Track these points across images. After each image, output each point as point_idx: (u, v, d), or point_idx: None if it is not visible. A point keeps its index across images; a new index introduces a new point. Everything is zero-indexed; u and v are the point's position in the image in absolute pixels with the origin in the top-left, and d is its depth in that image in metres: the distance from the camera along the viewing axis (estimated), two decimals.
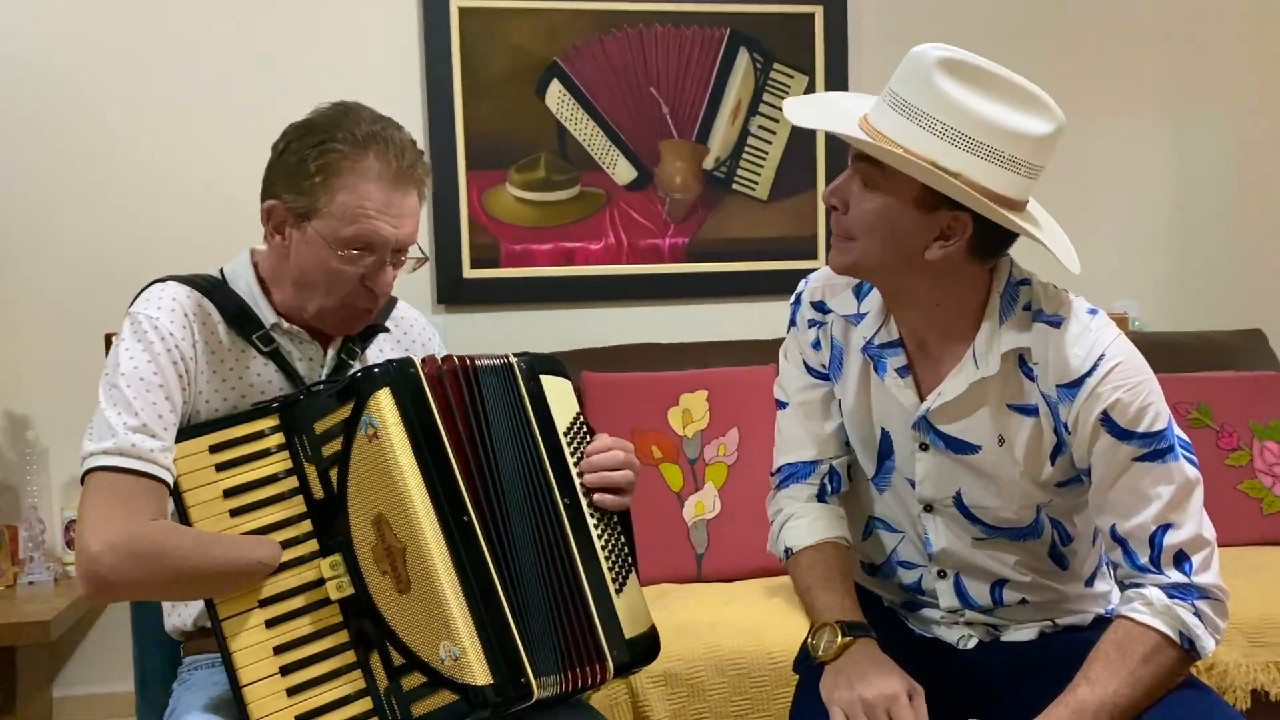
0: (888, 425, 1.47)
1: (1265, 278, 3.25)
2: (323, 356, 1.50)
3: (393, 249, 1.43)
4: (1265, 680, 2.12)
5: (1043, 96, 1.29)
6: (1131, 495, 1.33)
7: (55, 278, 2.67)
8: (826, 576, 1.48)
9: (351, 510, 1.31)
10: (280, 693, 1.29)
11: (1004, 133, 1.26)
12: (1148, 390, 1.33)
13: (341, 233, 1.39)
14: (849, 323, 1.49)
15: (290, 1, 2.75)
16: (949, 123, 1.26)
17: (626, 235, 2.94)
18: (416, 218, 1.45)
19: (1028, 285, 1.39)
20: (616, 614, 1.38)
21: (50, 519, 2.64)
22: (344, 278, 1.41)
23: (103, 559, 1.27)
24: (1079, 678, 1.29)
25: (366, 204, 1.39)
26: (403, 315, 1.64)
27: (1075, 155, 3.13)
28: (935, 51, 1.27)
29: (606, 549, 1.40)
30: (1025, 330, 1.36)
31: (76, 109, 2.67)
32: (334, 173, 1.39)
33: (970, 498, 1.44)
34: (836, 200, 1.36)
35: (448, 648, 1.25)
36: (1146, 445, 1.32)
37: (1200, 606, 1.31)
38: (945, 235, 1.32)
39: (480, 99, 2.83)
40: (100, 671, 2.71)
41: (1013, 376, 1.38)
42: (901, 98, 1.28)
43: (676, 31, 2.93)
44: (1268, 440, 2.67)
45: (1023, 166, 1.28)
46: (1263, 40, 3.22)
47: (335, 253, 1.40)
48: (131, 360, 1.37)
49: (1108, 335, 1.35)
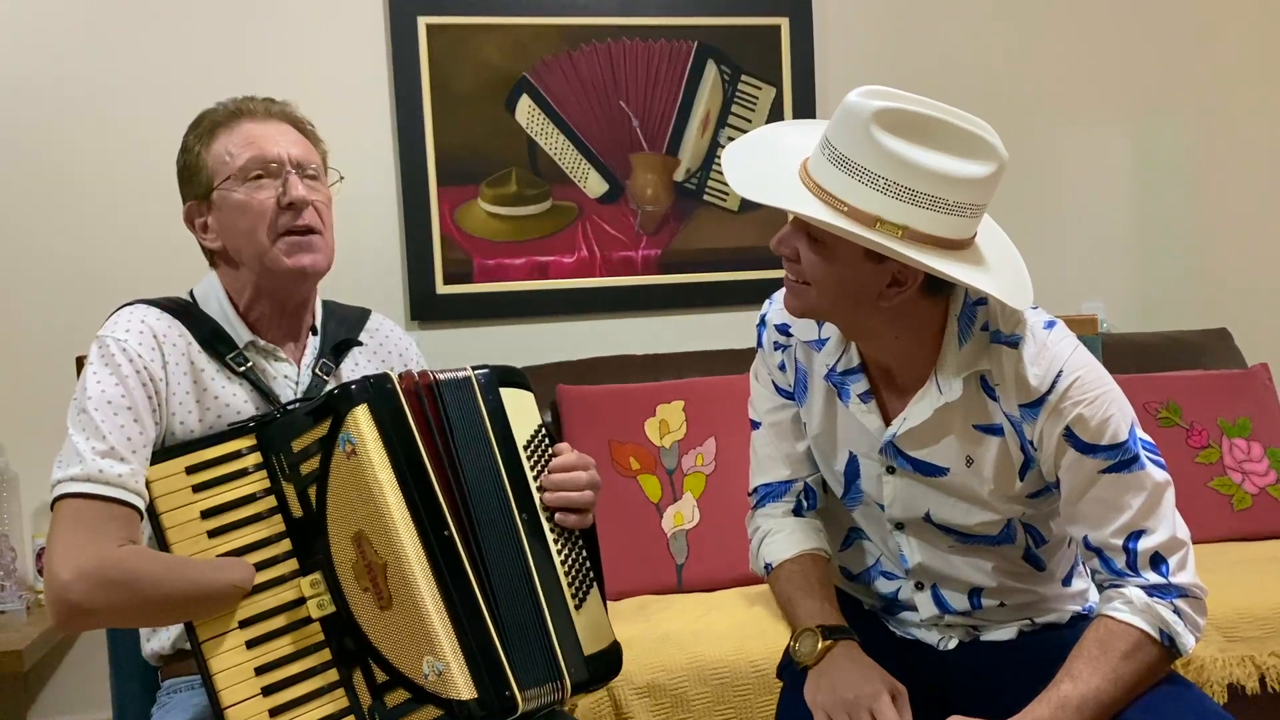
0: (854, 449, 1.48)
1: (1230, 277, 3.29)
2: (297, 373, 1.49)
3: (292, 165, 1.47)
4: (1241, 675, 2.14)
5: (984, 135, 1.26)
6: (1101, 506, 1.34)
7: (24, 300, 2.64)
8: (806, 585, 1.49)
9: (331, 528, 1.31)
10: (263, 713, 1.28)
11: (946, 181, 1.24)
12: (1108, 401, 1.33)
13: (235, 166, 1.45)
14: (811, 348, 1.49)
15: (259, 21, 2.75)
16: (890, 177, 1.23)
17: (599, 248, 2.95)
18: (303, 144, 1.51)
19: (984, 305, 1.38)
20: (575, 631, 1.37)
21: (21, 546, 2.60)
22: (261, 207, 1.44)
23: (74, 587, 1.25)
24: (1061, 674, 1.30)
25: (245, 136, 1.47)
26: (377, 327, 1.63)
27: (1039, 158, 3.18)
28: (871, 103, 1.24)
29: (566, 564, 1.39)
30: (984, 352, 1.37)
31: (48, 130, 2.64)
32: (209, 135, 1.48)
33: (939, 515, 1.45)
34: (786, 249, 1.35)
35: (431, 663, 1.24)
36: (1112, 457, 1.33)
37: (1180, 605, 1.32)
38: (898, 282, 1.32)
39: (450, 115, 2.83)
40: (75, 701, 2.67)
41: (975, 397, 1.38)
42: (841, 153, 1.26)
43: (644, 45, 2.94)
44: (1236, 438, 2.70)
45: (968, 210, 1.27)
46: (1223, 40, 3.27)
47: (240, 188, 1.44)
48: (99, 384, 1.36)
49: (1064, 349, 1.35)
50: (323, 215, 1.50)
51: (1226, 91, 3.29)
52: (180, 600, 1.29)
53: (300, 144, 1.50)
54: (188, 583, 1.29)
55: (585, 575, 1.41)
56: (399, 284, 2.85)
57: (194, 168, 1.49)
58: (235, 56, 2.73)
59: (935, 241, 1.26)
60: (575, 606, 1.38)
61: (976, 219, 1.31)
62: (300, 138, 1.51)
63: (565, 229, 2.93)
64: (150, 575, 1.29)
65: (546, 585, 1.36)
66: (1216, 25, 3.27)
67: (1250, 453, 2.69)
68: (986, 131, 1.27)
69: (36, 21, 2.64)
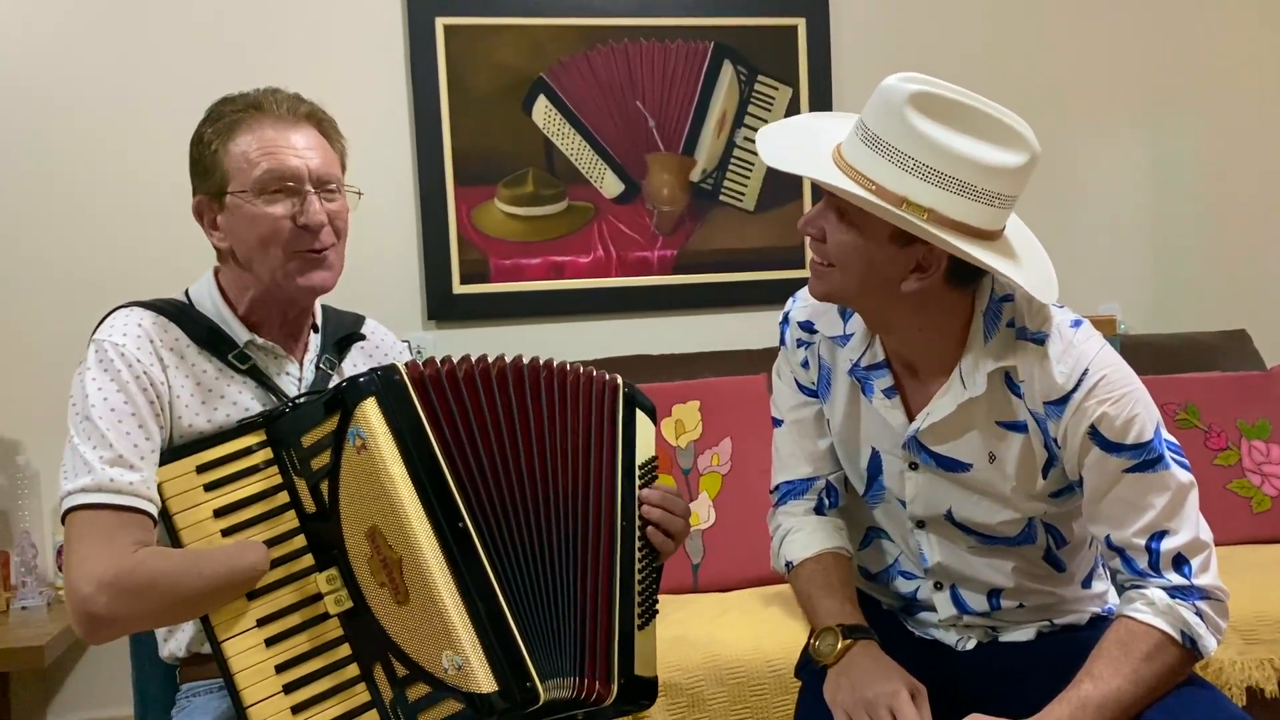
0: (877, 445, 1.48)
1: (1248, 279, 3.27)
2: (299, 370, 1.49)
3: (312, 181, 1.42)
4: (1260, 677, 2.13)
5: (1017, 126, 1.27)
6: (1124, 506, 1.33)
7: (43, 298, 2.66)
8: (826, 584, 1.48)
9: (345, 523, 1.30)
10: (285, 711, 1.27)
11: (977, 168, 1.25)
12: (1134, 401, 1.33)
13: (252, 177, 1.40)
14: (835, 344, 1.49)
15: (275, 22, 2.76)
16: (921, 159, 1.24)
17: (615, 248, 2.95)
18: (326, 151, 1.46)
19: (1010, 302, 1.38)
20: (634, 647, 1.39)
21: (42, 544, 2.62)
22: (276, 225, 1.40)
23: (96, 600, 1.25)
24: (1082, 674, 1.30)
25: (265, 143, 1.41)
26: (372, 331, 1.62)
27: (1057, 160, 3.16)
28: (907, 85, 1.25)
29: (641, 584, 1.42)
30: (1010, 348, 1.36)
31: (64, 131, 2.66)
32: (228, 133, 1.42)
33: (961, 513, 1.45)
34: (813, 230, 1.36)
35: (450, 657, 1.24)
36: (1136, 456, 1.32)
37: (1201, 607, 1.31)
38: (921, 267, 1.32)
39: (467, 116, 2.84)
40: (95, 697, 2.69)
41: (1000, 394, 1.38)
42: (874, 133, 1.27)
43: (661, 45, 2.94)
44: (1255, 439, 2.69)
45: (996, 199, 1.27)
46: (1241, 42, 3.26)
47: (256, 201, 1.40)
48: (100, 390, 1.35)
49: (1091, 348, 1.34)
50: (339, 228, 1.46)
51: (1244, 93, 3.27)
52: (202, 593, 1.29)
53: (321, 150, 1.45)
54: (207, 575, 1.29)
55: (653, 601, 1.44)
56: (416, 284, 2.86)
57: (208, 165, 1.43)
58: (252, 56, 2.74)
59: (961, 228, 1.27)
60: (639, 626, 1.40)
61: (1005, 211, 1.30)
62: (321, 142, 1.46)
63: (581, 229, 2.93)
64: (169, 575, 1.29)
65: (624, 595, 1.39)
66: (1234, 28, 3.26)
67: (1270, 455, 2.68)
68: (1020, 124, 1.28)
69: (49, 23, 2.66)
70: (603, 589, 1.38)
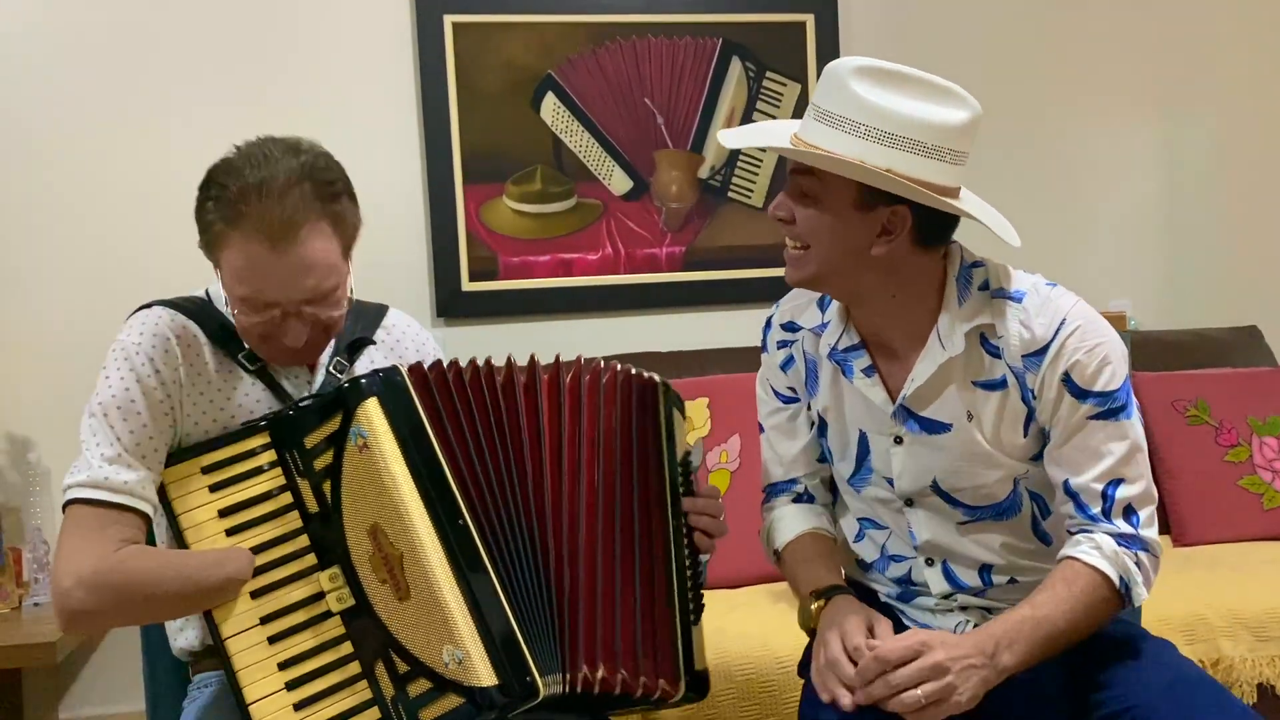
0: (863, 426, 1.52)
1: (1259, 275, 3.25)
2: (309, 373, 1.50)
3: (299, 303, 1.34)
4: (1271, 674, 2.12)
5: (956, 89, 1.36)
6: (1085, 452, 1.40)
7: (56, 297, 2.68)
8: (804, 559, 1.55)
9: (347, 522, 1.32)
10: (287, 708, 1.29)
11: (923, 125, 1.33)
12: (1106, 349, 1.39)
13: (235, 291, 1.35)
14: (816, 334, 1.55)
15: (284, 21, 2.77)
16: (870, 124, 1.33)
17: (624, 245, 2.96)
18: (313, 268, 1.32)
19: (981, 267, 1.45)
20: (693, 642, 1.43)
21: (54, 540, 2.64)
22: (256, 331, 1.37)
23: (74, 594, 1.28)
24: (1024, 601, 1.36)
25: (249, 262, 1.31)
26: (394, 324, 1.62)
27: (1068, 156, 3.16)
28: (851, 61, 1.35)
29: (690, 582, 1.46)
30: (985, 306, 1.43)
31: (78, 129, 2.68)
32: (217, 242, 1.34)
33: (946, 482, 1.48)
34: (783, 212, 1.43)
35: (451, 651, 1.25)
36: (1101, 404, 1.38)
37: (1141, 557, 1.38)
38: (887, 230, 1.38)
39: (475, 113, 2.85)
40: (106, 692, 2.71)
41: (975, 354, 1.44)
42: (824, 110, 1.36)
43: (669, 42, 2.94)
44: (1266, 436, 2.67)
45: (946, 154, 1.35)
46: (1254, 36, 3.24)
47: (241, 306, 1.36)
48: (111, 389, 1.37)
49: (1067, 301, 1.41)
50: (330, 326, 1.38)
51: (1255, 88, 3.25)
52: (180, 597, 1.31)
53: (308, 271, 1.32)
54: (185, 579, 1.31)
55: (699, 599, 1.48)
56: (425, 281, 2.87)
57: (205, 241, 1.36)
58: (261, 54, 2.76)
59: (919, 183, 1.34)
60: (693, 621, 1.44)
61: (958, 168, 1.37)
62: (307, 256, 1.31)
63: (590, 226, 2.93)
64: (148, 575, 1.31)
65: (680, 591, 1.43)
66: (1246, 24, 3.24)
67: None
68: (958, 88, 1.36)
69: (68, 24, 2.68)
70: (659, 590, 1.42)
